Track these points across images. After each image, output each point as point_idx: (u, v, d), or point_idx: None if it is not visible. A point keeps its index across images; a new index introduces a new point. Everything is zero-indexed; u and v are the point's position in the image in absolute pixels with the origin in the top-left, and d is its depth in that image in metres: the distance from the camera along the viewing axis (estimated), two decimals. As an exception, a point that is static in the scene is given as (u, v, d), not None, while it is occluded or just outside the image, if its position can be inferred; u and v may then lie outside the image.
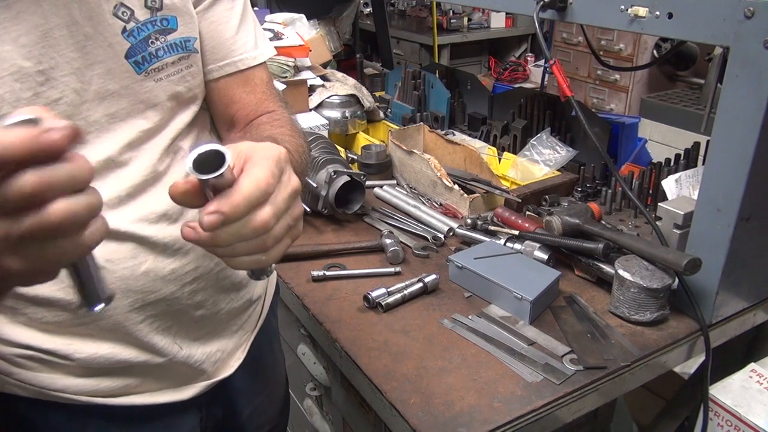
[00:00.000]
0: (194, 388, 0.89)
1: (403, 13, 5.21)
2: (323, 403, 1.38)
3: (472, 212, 1.45)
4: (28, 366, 0.77)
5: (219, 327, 0.91)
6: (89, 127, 0.72)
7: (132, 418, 0.85)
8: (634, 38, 3.69)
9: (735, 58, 0.92)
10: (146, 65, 0.75)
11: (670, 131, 3.21)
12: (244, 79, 0.88)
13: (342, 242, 1.36)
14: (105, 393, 0.81)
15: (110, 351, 0.78)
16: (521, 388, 0.95)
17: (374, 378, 0.98)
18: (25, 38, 0.65)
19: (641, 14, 1.04)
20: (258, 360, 1.01)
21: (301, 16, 2.14)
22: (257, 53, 0.89)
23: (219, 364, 0.92)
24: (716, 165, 0.99)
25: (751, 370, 1.11)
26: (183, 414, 0.90)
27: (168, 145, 0.80)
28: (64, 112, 0.69)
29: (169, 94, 0.79)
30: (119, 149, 0.75)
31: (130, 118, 0.76)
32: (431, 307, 1.15)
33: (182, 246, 0.80)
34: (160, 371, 0.84)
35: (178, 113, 0.82)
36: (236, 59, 0.86)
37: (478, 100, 2.03)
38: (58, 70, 0.68)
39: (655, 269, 1.07)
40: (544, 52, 1.30)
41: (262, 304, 1.02)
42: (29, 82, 0.66)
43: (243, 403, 1.02)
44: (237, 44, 0.86)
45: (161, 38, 0.76)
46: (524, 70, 4.80)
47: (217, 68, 0.86)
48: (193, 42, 0.80)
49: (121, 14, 0.72)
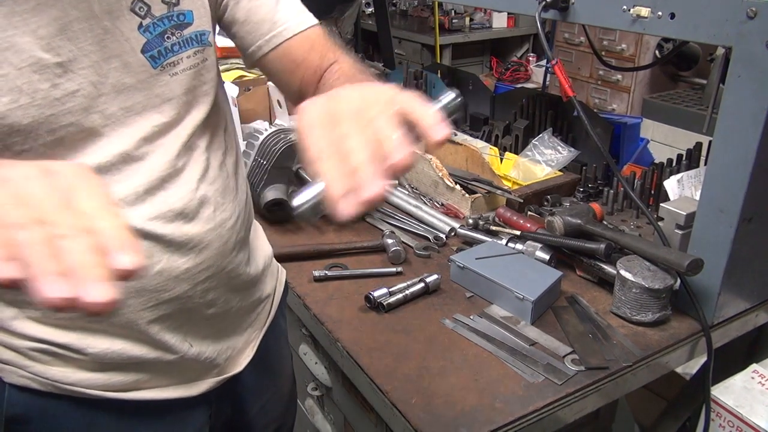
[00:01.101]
0: (204, 384, 0.89)
1: (404, 13, 5.20)
2: (324, 403, 1.38)
3: (473, 212, 1.45)
4: (42, 359, 0.78)
5: (229, 325, 0.91)
6: (106, 120, 0.73)
7: (143, 413, 0.85)
8: (636, 38, 3.68)
9: (737, 59, 0.92)
10: (162, 60, 0.76)
11: (672, 131, 3.20)
12: (299, 42, 0.89)
13: (343, 242, 1.36)
14: (117, 387, 0.81)
15: (122, 347, 0.79)
16: (523, 388, 0.95)
17: (376, 378, 0.98)
18: (44, 30, 0.65)
19: (643, 14, 1.04)
20: (266, 357, 1.01)
21: (302, 16, 2.13)
22: (300, 20, 0.90)
23: (229, 361, 0.92)
24: (718, 165, 0.99)
25: (753, 371, 1.11)
26: (193, 410, 0.91)
27: (185, 141, 0.80)
28: (80, 105, 0.70)
29: (184, 88, 0.79)
30: (135, 143, 0.75)
31: (146, 112, 0.76)
32: (433, 307, 1.15)
33: (196, 245, 0.80)
34: (170, 367, 0.85)
35: (194, 108, 0.82)
36: (281, 29, 0.88)
37: (479, 101, 2.03)
38: (76, 63, 0.69)
39: (656, 270, 1.07)
40: (546, 52, 1.30)
41: (272, 302, 1.03)
42: (47, 73, 0.67)
43: (251, 400, 1.02)
44: (278, 15, 0.87)
45: (177, 33, 0.77)
46: (526, 70, 4.79)
47: (265, 42, 0.87)
48: (207, 35, 0.81)
49: (138, 10, 0.73)
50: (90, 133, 0.72)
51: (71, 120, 0.70)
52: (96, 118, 0.72)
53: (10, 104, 0.65)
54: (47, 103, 0.67)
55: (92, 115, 0.71)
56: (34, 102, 0.66)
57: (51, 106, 0.68)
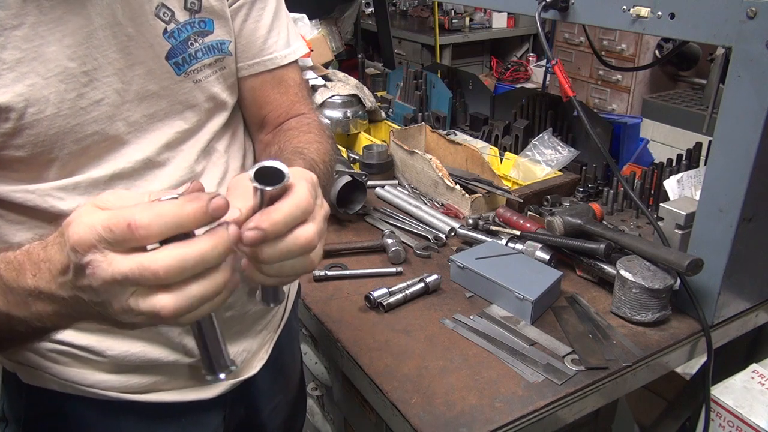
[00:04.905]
0: (220, 387, 0.89)
1: (404, 13, 5.20)
2: (325, 402, 1.38)
3: (473, 212, 1.45)
4: (61, 361, 0.78)
5: (245, 327, 0.91)
6: (129, 127, 0.73)
7: (160, 415, 0.86)
8: (636, 38, 3.69)
9: (737, 59, 0.92)
10: (186, 66, 0.76)
11: (672, 131, 3.21)
12: (277, 80, 0.89)
13: (343, 242, 1.36)
14: (134, 389, 0.82)
15: (141, 349, 0.79)
16: (522, 388, 0.95)
17: (375, 378, 0.98)
18: (69, 39, 0.65)
19: (643, 14, 1.04)
20: (279, 359, 1.02)
21: (302, 16, 2.14)
22: (288, 52, 0.89)
23: (244, 363, 0.93)
24: (718, 165, 0.99)
25: (752, 371, 1.11)
26: (208, 412, 0.91)
27: (204, 146, 0.81)
28: (105, 113, 0.70)
29: (206, 95, 0.80)
30: (157, 149, 0.76)
31: (168, 119, 0.77)
32: (433, 307, 1.15)
33: None
34: (188, 370, 0.85)
35: (215, 115, 0.83)
36: (266, 58, 0.87)
37: (479, 100, 2.03)
38: (101, 71, 0.69)
39: (656, 270, 1.07)
40: (546, 52, 1.30)
41: (285, 304, 1.03)
42: (74, 83, 0.67)
43: (265, 401, 1.03)
44: (268, 43, 0.87)
45: (199, 40, 0.77)
46: (526, 70, 4.79)
47: (246, 66, 0.87)
48: (227, 45, 0.81)
49: (162, 15, 0.73)
50: (114, 141, 0.72)
51: (96, 129, 0.70)
52: (120, 126, 0.72)
53: (36, 114, 0.65)
54: (73, 112, 0.67)
55: (116, 123, 0.72)
56: (60, 112, 0.66)
57: (76, 116, 0.68)
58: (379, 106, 2.02)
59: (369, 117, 1.95)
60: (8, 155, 0.66)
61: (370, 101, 1.92)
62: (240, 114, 0.91)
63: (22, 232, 0.72)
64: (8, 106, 0.63)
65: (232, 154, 0.86)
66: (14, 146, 0.66)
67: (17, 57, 0.63)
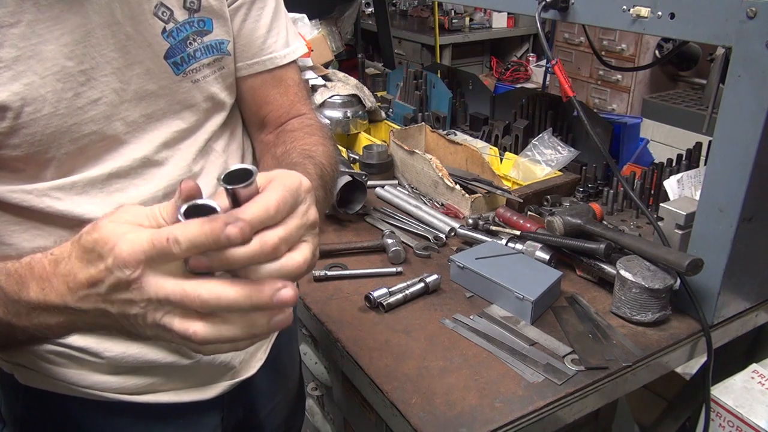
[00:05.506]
0: (218, 387, 0.89)
1: (404, 13, 5.21)
2: (325, 402, 1.38)
3: (473, 212, 1.45)
4: (59, 362, 0.78)
5: None
6: (127, 127, 0.73)
7: (158, 416, 0.86)
8: (636, 38, 3.69)
9: (737, 59, 0.92)
10: (184, 66, 0.76)
11: (671, 131, 3.21)
12: (276, 80, 0.89)
13: (343, 242, 1.36)
14: (132, 390, 0.81)
15: (139, 351, 0.79)
16: (522, 388, 0.95)
17: (375, 378, 0.98)
18: (67, 37, 0.65)
19: (643, 14, 1.04)
20: (277, 359, 1.02)
21: (302, 16, 2.14)
22: (287, 51, 0.89)
23: (242, 364, 0.92)
24: (718, 165, 0.99)
25: (752, 371, 1.11)
26: (206, 413, 0.91)
27: (202, 146, 0.81)
28: (103, 113, 0.70)
29: (205, 95, 0.80)
30: (155, 148, 0.76)
31: (167, 118, 0.76)
32: (432, 307, 1.15)
33: None
34: (186, 371, 0.85)
35: (213, 114, 0.83)
36: (265, 58, 0.87)
37: (479, 100, 2.03)
38: (99, 70, 0.68)
39: (656, 270, 1.07)
40: (546, 52, 1.30)
41: None
42: (71, 82, 0.66)
43: (262, 402, 1.03)
44: (267, 43, 0.86)
45: (198, 39, 0.77)
46: (526, 70, 4.80)
47: (246, 66, 0.86)
48: (226, 45, 0.81)
49: (161, 14, 0.73)
50: (112, 141, 0.72)
51: (93, 128, 0.70)
52: (118, 126, 0.72)
53: (33, 114, 0.64)
54: (70, 112, 0.67)
55: (114, 123, 0.71)
56: (57, 111, 0.66)
57: (74, 115, 0.67)
58: (379, 106, 2.02)
59: (369, 117, 1.95)
60: (4, 155, 0.66)
61: (370, 101, 1.92)
62: (238, 114, 0.91)
63: (18, 233, 0.72)
64: (4, 104, 0.63)
65: (231, 153, 0.86)
66: (10, 146, 0.65)
67: (14, 55, 0.62)
